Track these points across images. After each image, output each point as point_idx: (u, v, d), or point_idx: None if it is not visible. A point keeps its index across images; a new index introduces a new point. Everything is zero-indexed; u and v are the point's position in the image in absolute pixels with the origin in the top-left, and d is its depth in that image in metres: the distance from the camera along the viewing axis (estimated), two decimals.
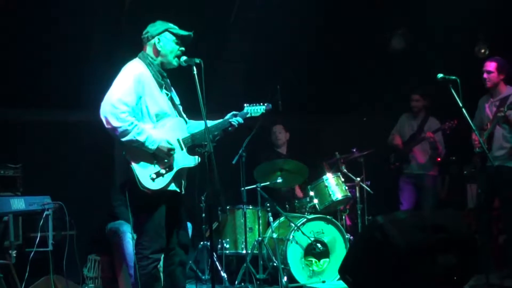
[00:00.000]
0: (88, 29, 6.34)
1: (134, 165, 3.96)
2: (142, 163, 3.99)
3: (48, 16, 6.06)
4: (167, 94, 4.28)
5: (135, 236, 4.21)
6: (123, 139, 3.92)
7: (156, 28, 4.22)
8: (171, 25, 4.23)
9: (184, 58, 4.18)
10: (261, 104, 4.56)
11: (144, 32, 4.27)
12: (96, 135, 6.16)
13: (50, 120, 6.62)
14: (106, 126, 3.93)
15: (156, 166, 4.03)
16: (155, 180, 3.99)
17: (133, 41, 4.47)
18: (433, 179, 6.86)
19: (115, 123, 3.89)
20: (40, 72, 6.26)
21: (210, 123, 4.27)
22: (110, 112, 3.90)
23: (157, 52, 4.20)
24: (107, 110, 3.91)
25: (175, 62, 4.21)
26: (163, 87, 4.24)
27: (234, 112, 4.43)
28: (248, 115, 4.51)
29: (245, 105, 4.53)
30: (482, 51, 7.49)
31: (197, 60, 4.08)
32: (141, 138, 3.94)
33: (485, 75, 5.77)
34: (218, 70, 7.01)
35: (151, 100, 4.08)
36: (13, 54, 6.14)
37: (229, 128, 4.38)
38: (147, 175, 3.98)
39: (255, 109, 4.54)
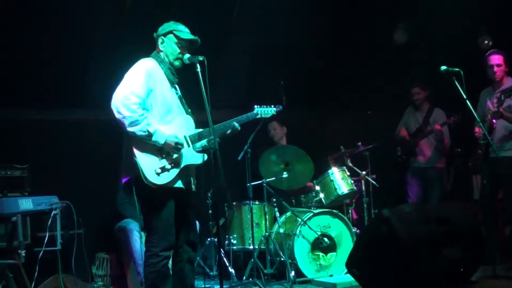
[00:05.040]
0: (92, 28, 6.35)
1: (139, 159, 3.96)
2: (148, 157, 4.00)
3: (52, 16, 6.08)
4: (177, 93, 4.31)
5: (143, 234, 4.22)
6: (132, 130, 3.92)
7: (164, 28, 4.26)
8: (179, 27, 4.24)
9: (187, 55, 4.19)
10: (272, 106, 4.58)
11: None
12: (102, 134, 6.25)
13: (56, 120, 6.62)
14: (117, 116, 3.93)
15: (163, 160, 4.04)
16: (160, 174, 4.00)
17: (136, 40, 4.48)
18: (440, 171, 6.84)
19: (125, 112, 3.90)
20: (46, 72, 6.27)
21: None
22: (121, 102, 3.91)
23: (160, 52, 4.24)
24: (118, 100, 3.92)
25: (176, 64, 4.24)
26: (173, 85, 4.28)
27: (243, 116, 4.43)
28: (258, 116, 4.53)
29: (255, 106, 4.54)
30: (486, 42, 7.47)
31: (201, 58, 4.08)
32: (150, 130, 3.95)
33: (495, 69, 5.76)
34: (221, 65, 7.01)
35: (160, 95, 4.11)
36: (18, 54, 6.15)
37: (228, 131, 4.30)
38: (152, 169, 3.99)
39: (266, 111, 4.56)
